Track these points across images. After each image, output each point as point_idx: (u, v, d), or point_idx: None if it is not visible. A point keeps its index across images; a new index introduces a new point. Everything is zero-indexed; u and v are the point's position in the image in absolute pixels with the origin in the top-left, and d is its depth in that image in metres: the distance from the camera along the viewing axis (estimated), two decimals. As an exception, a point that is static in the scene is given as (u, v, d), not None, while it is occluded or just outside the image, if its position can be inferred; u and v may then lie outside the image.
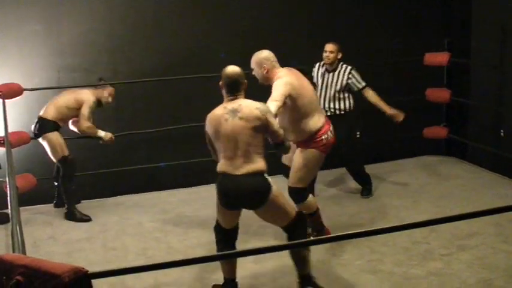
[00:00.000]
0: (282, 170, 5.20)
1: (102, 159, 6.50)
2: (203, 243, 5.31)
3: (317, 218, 5.07)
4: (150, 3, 6.57)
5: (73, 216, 5.94)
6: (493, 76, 7.04)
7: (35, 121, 5.88)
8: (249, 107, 3.98)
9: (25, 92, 5.98)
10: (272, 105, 4.30)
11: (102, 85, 5.97)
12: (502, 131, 6.86)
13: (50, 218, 6.06)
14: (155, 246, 5.33)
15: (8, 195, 3.98)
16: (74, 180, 5.97)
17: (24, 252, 3.02)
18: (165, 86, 6.62)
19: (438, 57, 7.10)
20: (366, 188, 6.38)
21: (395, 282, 4.51)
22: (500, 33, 6.83)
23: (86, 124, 5.84)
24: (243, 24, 6.83)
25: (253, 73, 4.77)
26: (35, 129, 5.86)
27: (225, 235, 4.21)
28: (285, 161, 5.17)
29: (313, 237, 4.96)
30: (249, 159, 3.93)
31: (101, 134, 5.92)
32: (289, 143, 4.46)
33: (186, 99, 6.71)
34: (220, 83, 4.11)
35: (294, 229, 4.11)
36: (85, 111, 5.78)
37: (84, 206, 6.11)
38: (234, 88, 4.06)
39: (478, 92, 7.25)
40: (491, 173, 6.95)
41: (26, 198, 5.86)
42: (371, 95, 6.12)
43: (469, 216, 3.09)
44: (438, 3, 7.48)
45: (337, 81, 6.07)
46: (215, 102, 6.64)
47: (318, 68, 6.20)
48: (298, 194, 4.92)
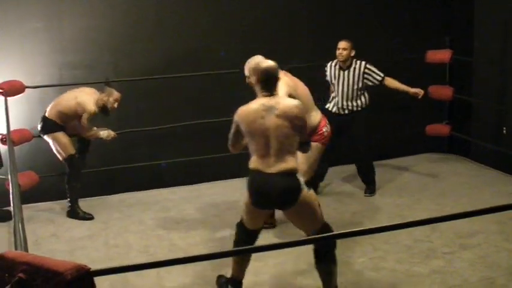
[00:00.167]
0: None
1: (104, 157, 6.50)
2: (205, 241, 5.32)
3: None
4: (152, 1, 6.57)
5: (75, 214, 5.94)
6: (495, 73, 7.03)
7: (40, 120, 5.87)
8: (287, 104, 3.89)
9: (27, 90, 5.98)
10: None
11: (107, 87, 5.84)
12: (504, 129, 6.85)
13: (52, 215, 6.06)
14: (157, 244, 5.34)
15: (10, 193, 3.99)
16: (80, 179, 5.98)
17: (26, 249, 3.02)
18: (166, 83, 6.61)
19: (440, 55, 7.08)
20: (370, 187, 6.37)
21: (397, 280, 4.51)
22: (503, 30, 6.82)
23: (87, 133, 5.89)
24: (243, 23, 6.80)
25: (248, 80, 4.82)
26: (40, 129, 5.86)
27: (247, 236, 4.08)
28: None
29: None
30: (282, 158, 3.83)
31: (103, 135, 5.92)
32: None
33: (187, 97, 6.70)
34: (251, 79, 3.93)
35: (327, 244, 4.01)
36: (85, 122, 5.76)
37: (86, 204, 6.11)
38: (271, 84, 3.94)
39: (480, 90, 7.24)
40: (493, 170, 6.94)
41: (28, 196, 5.87)
42: (392, 82, 6.17)
43: (472, 214, 3.09)
44: (441, 1, 7.46)
45: (353, 78, 6.08)
46: (216, 100, 6.72)
47: (331, 67, 6.19)
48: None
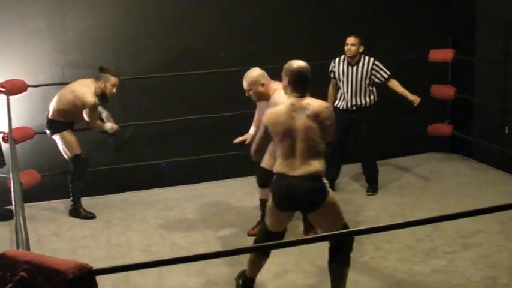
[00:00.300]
0: (257, 173, 5.20)
1: (105, 156, 6.49)
2: (207, 240, 5.33)
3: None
4: (154, 1, 6.57)
5: (78, 213, 5.95)
6: (497, 73, 7.02)
7: (45, 122, 5.87)
8: (318, 105, 3.85)
9: (29, 89, 5.99)
10: None
11: (102, 73, 5.77)
12: (506, 128, 6.84)
13: (54, 214, 6.07)
14: (159, 243, 5.34)
15: (12, 192, 3.99)
16: (83, 178, 5.98)
17: (28, 248, 3.02)
18: (168, 82, 6.62)
19: (442, 54, 7.08)
20: (372, 186, 6.37)
21: (399, 279, 4.51)
22: (505, 30, 6.80)
23: (95, 125, 5.86)
24: (243, 23, 6.80)
25: (248, 94, 4.84)
26: (47, 130, 5.87)
27: (268, 238, 3.99)
28: (264, 164, 5.10)
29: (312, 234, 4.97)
30: (308, 161, 3.78)
31: (107, 127, 5.93)
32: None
33: (188, 96, 6.70)
34: (285, 80, 3.89)
35: (344, 246, 3.97)
36: (90, 116, 5.76)
37: (88, 203, 6.11)
38: (303, 85, 3.88)
39: (482, 89, 7.23)
40: (495, 170, 6.93)
41: (30, 195, 5.87)
42: (396, 85, 6.17)
43: (473, 213, 3.08)
44: (443, 0, 7.45)
45: (362, 73, 6.07)
46: (217, 99, 6.72)
47: (339, 63, 6.18)
48: (268, 177, 4.92)
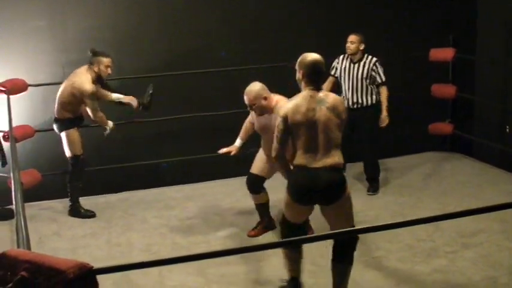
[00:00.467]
0: (247, 179, 5.20)
1: (106, 155, 6.50)
2: (208, 239, 5.33)
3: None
4: (154, 1, 6.56)
5: (77, 212, 5.95)
6: (498, 72, 7.02)
7: (53, 122, 5.87)
8: (335, 98, 3.89)
9: (30, 88, 5.99)
10: None
11: (94, 56, 5.69)
12: (507, 127, 6.84)
13: (55, 214, 6.07)
14: (160, 242, 5.34)
15: (13, 191, 3.99)
16: (82, 178, 5.98)
17: (29, 248, 3.02)
18: (168, 82, 6.61)
19: (443, 53, 7.07)
20: (373, 185, 6.36)
21: (400, 279, 4.51)
22: (506, 29, 6.80)
23: (97, 115, 5.78)
24: (244, 23, 6.80)
25: (252, 109, 4.82)
26: (56, 129, 5.87)
27: (295, 230, 3.96)
28: (254, 170, 5.14)
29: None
30: (328, 152, 3.80)
31: (109, 124, 5.92)
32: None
33: (189, 96, 6.70)
34: (299, 73, 3.88)
35: (348, 245, 3.98)
36: (91, 106, 5.71)
37: (89, 202, 6.11)
38: (318, 79, 3.90)
39: (483, 88, 7.23)
40: (496, 169, 6.93)
41: (31, 194, 5.86)
42: (383, 94, 6.15)
43: (474, 212, 3.09)
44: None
45: (363, 71, 6.08)
46: (217, 99, 6.71)
47: (342, 61, 6.19)
48: (260, 183, 5.13)
